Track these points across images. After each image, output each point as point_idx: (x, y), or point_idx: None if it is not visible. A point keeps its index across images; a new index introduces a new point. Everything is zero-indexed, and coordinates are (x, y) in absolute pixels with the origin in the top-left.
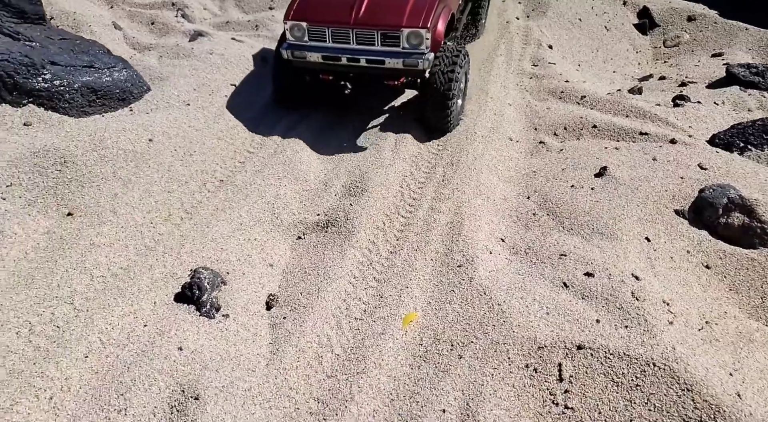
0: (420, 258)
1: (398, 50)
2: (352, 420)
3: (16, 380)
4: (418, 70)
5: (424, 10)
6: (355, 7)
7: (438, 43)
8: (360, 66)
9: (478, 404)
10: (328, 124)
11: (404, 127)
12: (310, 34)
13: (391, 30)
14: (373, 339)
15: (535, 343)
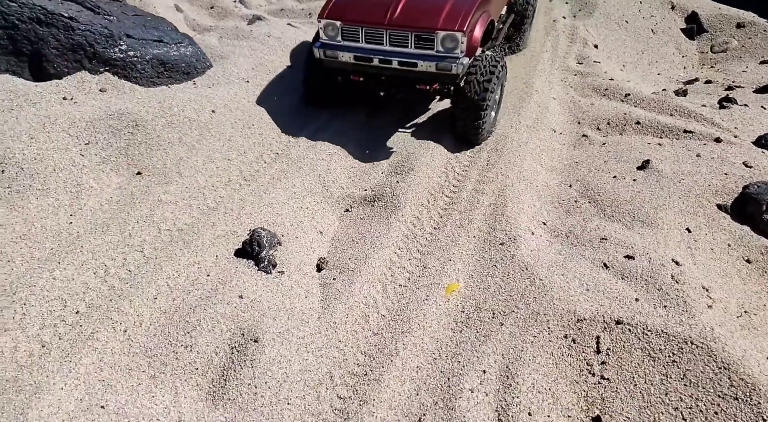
0: (463, 234)
1: (432, 53)
2: (397, 372)
3: (95, 312)
4: (452, 74)
5: (461, 13)
6: (391, 7)
7: (474, 49)
8: (392, 68)
9: (518, 367)
10: (367, 118)
11: (440, 132)
12: (344, 33)
13: (426, 32)
14: (417, 304)
15: (575, 316)
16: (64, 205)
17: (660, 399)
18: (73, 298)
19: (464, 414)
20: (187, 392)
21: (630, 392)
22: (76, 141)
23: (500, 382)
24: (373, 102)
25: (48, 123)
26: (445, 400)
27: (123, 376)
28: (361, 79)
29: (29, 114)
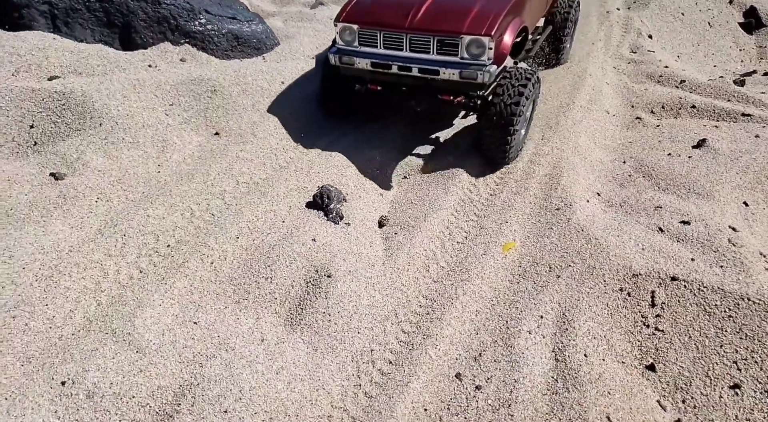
0: (519, 200)
1: (456, 60)
2: (457, 314)
3: (184, 246)
4: (477, 83)
5: (489, 16)
6: (413, 10)
7: (503, 57)
8: (412, 76)
9: (574, 315)
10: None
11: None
12: (361, 38)
13: (449, 36)
14: (475, 258)
15: (630, 271)
16: (152, 157)
17: (715, 350)
18: (164, 234)
19: (522, 351)
20: (267, 317)
21: (684, 343)
22: (161, 102)
23: (557, 326)
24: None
25: (138, 85)
26: (504, 339)
27: (211, 300)
28: (379, 88)
29: (121, 77)
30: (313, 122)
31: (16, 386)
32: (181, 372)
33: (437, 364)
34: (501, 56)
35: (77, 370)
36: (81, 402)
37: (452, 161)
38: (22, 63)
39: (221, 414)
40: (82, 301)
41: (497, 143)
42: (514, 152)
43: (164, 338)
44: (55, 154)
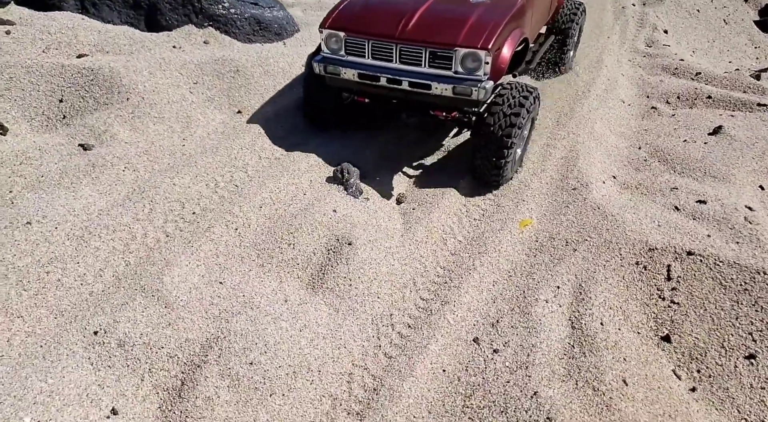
0: (536, 181)
1: (449, 74)
2: (475, 283)
3: (209, 214)
4: (472, 100)
5: (487, 27)
6: (405, 18)
7: (500, 71)
8: (401, 89)
9: (590, 286)
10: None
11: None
12: (348, 46)
13: (442, 48)
14: (492, 233)
15: (646, 245)
16: (177, 132)
17: (730, 322)
18: (189, 202)
19: (539, 318)
20: (290, 281)
21: (700, 316)
22: (186, 80)
23: (573, 296)
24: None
25: (163, 63)
26: (521, 307)
27: (236, 263)
28: (366, 100)
29: (146, 56)
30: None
31: (50, 335)
32: (208, 327)
33: (455, 329)
34: (499, 71)
35: (108, 322)
36: (113, 350)
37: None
38: (52, 41)
39: (247, 365)
40: (112, 261)
41: (490, 163)
42: (509, 174)
43: (191, 295)
44: (83, 126)
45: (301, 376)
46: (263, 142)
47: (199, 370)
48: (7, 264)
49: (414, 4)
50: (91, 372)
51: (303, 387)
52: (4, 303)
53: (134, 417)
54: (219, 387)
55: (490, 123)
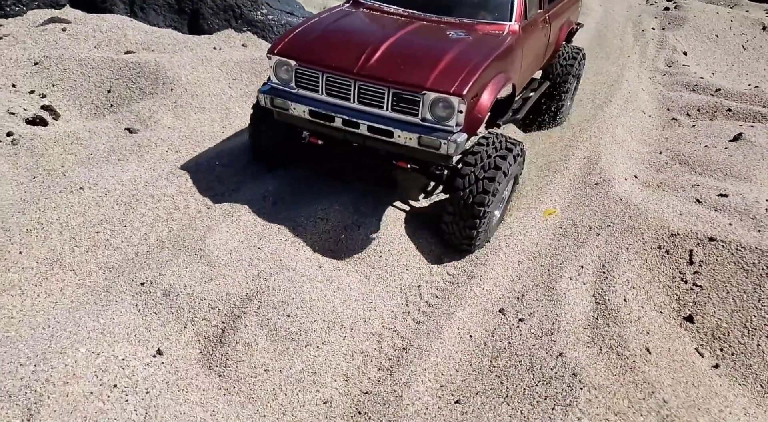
0: (558, 177)
1: (415, 121)
2: (500, 262)
3: (248, 189)
4: (440, 154)
5: (464, 69)
6: (368, 50)
7: (477, 122)
8: (359, 134)
9: (613, 267)
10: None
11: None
12: (299, 78)
13: (408, 90)
14: (516, 219)
15: (668, 231)
16: (217, 121)
17: (753, 304)
18: (228, 180)
19: (564, 293)
20: (323, 251)
21: (722, 298)
22: (225, 76)
23: (597, 275)
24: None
25: (204, 60)
26: (546, 283)
27: (273, 233)
28: (320, 142)
29: (189, 54)
30: None
31: (100, 286)
32: (247, 284)
33: (481, 300)
34: (475, 122)
35: (154, 275)
36: (158, 299)
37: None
38: (102, 38)
39: (284, 317)
40: (156, 227)
41: (462, 226)
42: (483, 239)
43: (231, 256)
44: (130, 112)
45: (334, 332)
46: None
47: (239, 320)
48: (62, 223)
49: (382, 34)
50: (138, 317)
51: (336, 341)
52: (58, 256)
53: (177, 359)
54: (258, 336)
55: (460, 187)
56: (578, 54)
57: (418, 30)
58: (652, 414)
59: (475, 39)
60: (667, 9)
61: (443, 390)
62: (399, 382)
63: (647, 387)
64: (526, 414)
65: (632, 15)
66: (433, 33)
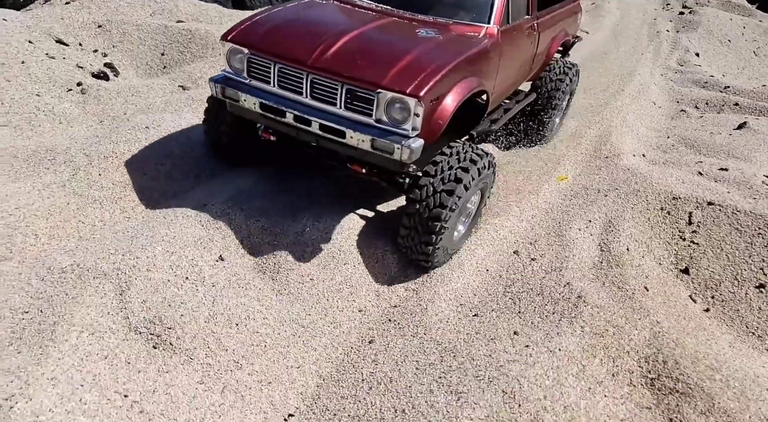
0: (571, 151)
1: (369, 122)
2: (515, 214)
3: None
4: (392, 159)
5: (425, 69)
6: (325, 42)
7: (436, 128)
8: (310, 132)
9: (618, 222)
10: None
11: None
12: (251, 67)
13: (362, 87)
14: (530, 183)
15: (671, 195)
16: None
17: (744, 260)
18: None
19: (572, 240)
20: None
21: (716, 254)
22: None
23: (603, 228)
24: None
25: None
26: (556, 232)
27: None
28: (272, 137)
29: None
30: None
31: (167, 207)
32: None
33: (498, 243)
34: (434, 127)
35: (215, 199)
36: (219, 217)
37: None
38: (157, 7)
39: (326, 242)
40: None
41: (417, 242)
42: (442, 255)
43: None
44: (182, 72)
45: (368, 256)
46: None
47: (288, 240)
48: (132, 154)
49: (345, 27)
50: (202, 230)
51: (370, 264)
52: (129, 181)
53: (237, 265)
54: (304, 252)
55: (417, 198)
56: (571, 69)
57: (385, 26)
58: (645, 329)
59: (445, 39)
60: (682, 13)
61: (463, 307)
62: (424, 299)
63: (643, 312)
64: (535, 324)
65: (648, 18)
66: (402, 30)
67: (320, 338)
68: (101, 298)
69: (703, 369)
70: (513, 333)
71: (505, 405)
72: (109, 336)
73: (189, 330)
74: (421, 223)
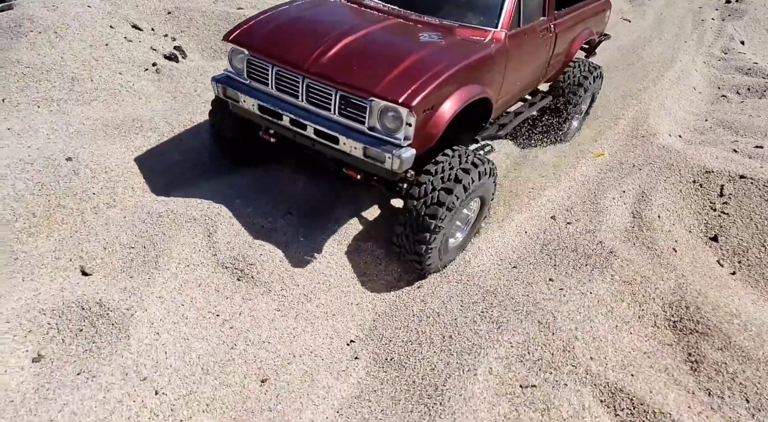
0: (608, 131)
1: (363, 129)
2: (553, 190)
3: None
4: (384, 168)
5: (421, 77)
6: (323, 46)
7: (429, 138)
8: (306, 136)
9: (651, 193)
10: None
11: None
12: (250, 69)
13: (355, 94)
14: (566, 157)
15: (703, 168)
16: None
17: None
18: None
19: (606, 208)
20: None
21: (746, 224)
22: None
23: (636, 198)
24: None
25: None
26: (591, 200)
27: None
28: (272, 139)
29: None
30: None
31: (232, 169)
32: None
33: (536, 210)
34: (427, 137)
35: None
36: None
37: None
38: None
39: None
40: None
41: (412, 240)
42: (436, 259)
43: None
44: None
45: None
46: None
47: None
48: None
49: (346, 29)
50: (276, 185)
51: None
52: (207, 147)
53: (304, 217)
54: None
55: (415, 195)
56: (592, 72)
57: (388, 28)
58: (671, 281)
59: (448, 44)
60: (728, 2)
61: (503, 261)
62: (468, 253)
63: (670, 267)
64: (569, 273)
65: (693, 6)
66: (404, 33)
67: (375, 283)
68: (193, 238)
69: (723, 314)
70: (548, 280)
71: (540, 333)
72: (201, 268)
73: (267, 267)
74: (417, 220)
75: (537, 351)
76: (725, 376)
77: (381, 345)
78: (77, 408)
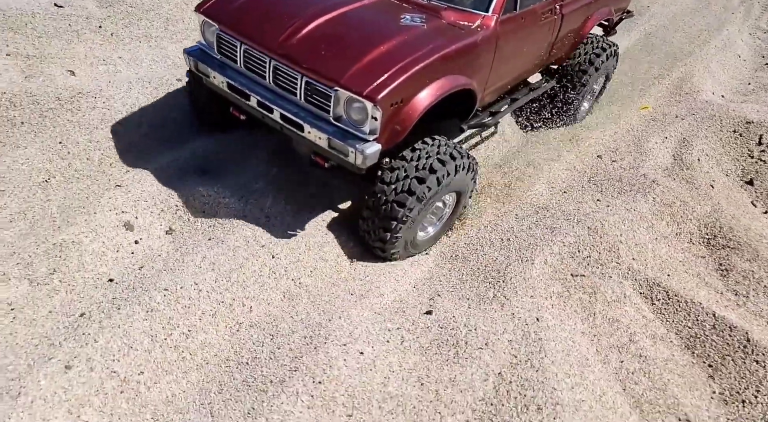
0: (653, 89)
1: (328, 118)
2: (600, 131)
3: None
4: (347, 161)
5: (393, 67)
6: (295, 26)
7: (398, 133)
8: (272, 119)
9: (692, 140)
10: None
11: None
12: (220, 44)
13: (320, 82)
14: (612, 116)
15: (744, 119)
16: None
17: None
18: None
19: (649, 150)
20: None
21: None
22: None
23: (677, 143)
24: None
25: None
26: (635, 143)
27: None
28: (241, 117)
29: None
30: None
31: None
32: None
33: (583, 150)
34: (396, 132)
35: None
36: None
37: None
38: None
39: None
40: None
41: (377, 226)
42: (401, 249)
43: None
44: None
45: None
46: None
47: None
48: None
49: (323, 7)
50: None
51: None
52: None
53: None
54: None
55: (387, 180)
56: (605, 49)
57: (367, 8)
58: (707, 206)
59: (430, 29)
60: None
61: (554, 188)
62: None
63: (707, 197)
64: (615, 196)
65: None
66: (384, 15)
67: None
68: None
69: (753, 235)
70: (596, 200)
71: (589, 236)
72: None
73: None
74: (385, 207)
75: (586, 250)
76: (751, 281)
77: (446, 246)
78: (214, 259)
